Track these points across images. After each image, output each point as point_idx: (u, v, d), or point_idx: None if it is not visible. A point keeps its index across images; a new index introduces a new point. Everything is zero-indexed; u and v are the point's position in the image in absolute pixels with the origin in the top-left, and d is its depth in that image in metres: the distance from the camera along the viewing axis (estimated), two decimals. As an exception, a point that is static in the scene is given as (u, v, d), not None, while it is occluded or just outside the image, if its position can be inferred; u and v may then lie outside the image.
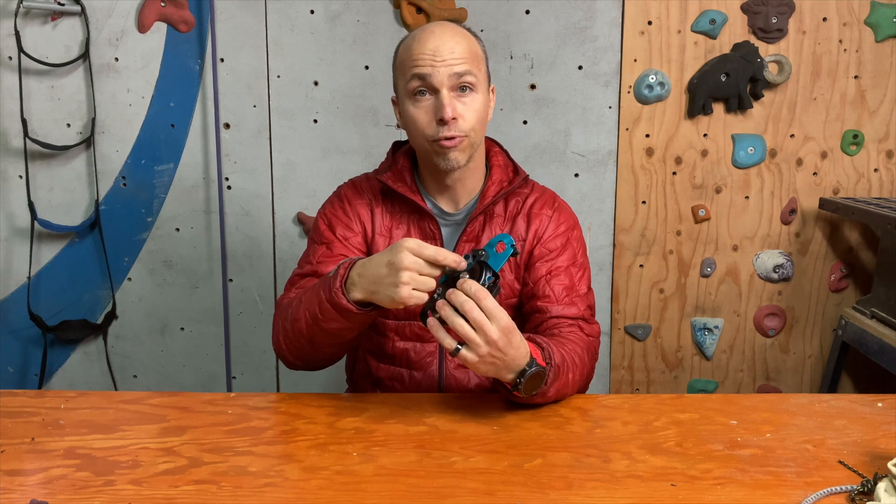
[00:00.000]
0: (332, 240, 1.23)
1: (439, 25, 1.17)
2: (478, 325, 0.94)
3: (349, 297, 1.02)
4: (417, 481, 0.88)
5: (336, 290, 1.02)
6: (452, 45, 1.13)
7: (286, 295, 1.22)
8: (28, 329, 2.13)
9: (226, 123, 2.06)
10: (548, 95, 2.05)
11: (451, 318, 0.94)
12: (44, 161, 2.06)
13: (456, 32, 1.16)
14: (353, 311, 1.02)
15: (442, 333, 0.96)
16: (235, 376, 2.21)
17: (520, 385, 0.99)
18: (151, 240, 2.12)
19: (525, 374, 0.98)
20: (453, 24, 1.18)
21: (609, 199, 2.11)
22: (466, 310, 0.94)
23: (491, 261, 0.99)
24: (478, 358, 0.95)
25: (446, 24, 1.18)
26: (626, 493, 0.86)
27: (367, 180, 1.29)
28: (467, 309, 0.94)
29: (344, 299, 1.02)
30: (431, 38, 1.14)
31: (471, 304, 0.94)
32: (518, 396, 1.03)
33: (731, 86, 2.01)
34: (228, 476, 0.89)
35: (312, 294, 1.08)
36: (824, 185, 2.10)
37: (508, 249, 0.98)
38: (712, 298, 2.17)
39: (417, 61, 1.13)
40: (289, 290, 1.23)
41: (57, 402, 1.09)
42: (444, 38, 1.13)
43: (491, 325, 0.94)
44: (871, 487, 0.84)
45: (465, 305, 0.94)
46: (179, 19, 1.99)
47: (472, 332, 0.94)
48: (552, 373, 1.02)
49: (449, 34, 1.15)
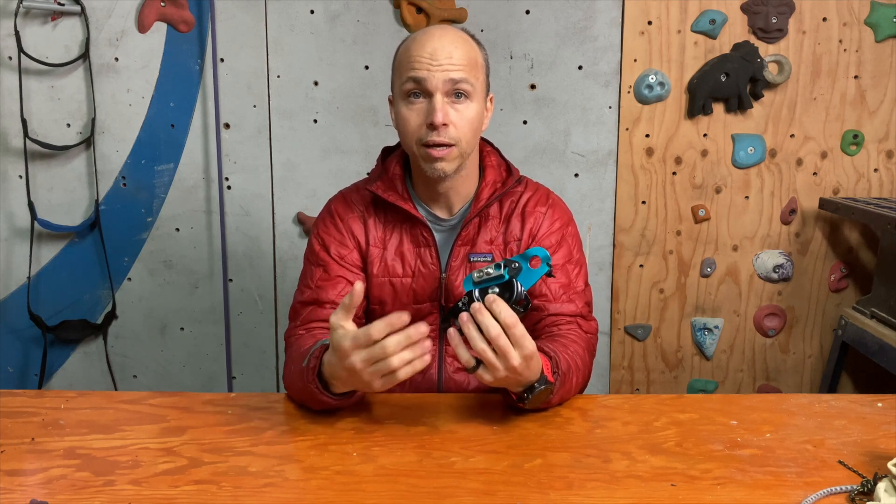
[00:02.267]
0: (328, 261, 1.22)
1: (441, 29, 1.16)
2: (502, 351, 0.90)
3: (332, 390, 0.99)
4: (417, 481, 0.88)
5: (312, 385, 0.99)
6: (451, 49, 1.11)
7: (291, 329, 1.21)
8: (28, 329, 2.12)
9: (226, 123, 2.06)
10: (548, 95, 2.05)
11: (475, 341, 0.91)
12: (44, 161, 2.06)
13: (456, 38, 1.14)
14: (331, 403, 1.01)
15: (462, 349, 0.93)
16: (235, 376, 2.21)
17: (526, 399, 0.98)
18: (151, 240, 2.12)
19: (534, 391, 0.97)
20: (457, 29, 1.17)
21: (609, 199, 2.11)
22: (492, 335, 0.90)
23: (523, 276, 0.94)
24: (493, 379, 0.94)
25: (449, 28, 1.17)
26: (626, 493, 0.86)
27: (356, 191, 1.28)
28: (493, 335, 0.90)
29: (324, 395, 0.99)
30: (430, 41, 1.12)
31: (497, 331, 0.90)
32: (522, 406, 1.02)
33: (731, 86, 2.01)
34: (228, 476, 0.88)
35: (297, 373, 1.04)
36: (824, 185, 2.10)
37: (543, 268, 0.94)
38: (712, 298, 2.17)
39: (414, 63, 1.12)
40: (293, 320, 1.22)
41: (57, 402, 1.09)
42: (443, 42, 1.12)
43: (515, 353, 0.91)
44: (871, 487, 0.84)
45: (492, 331, 0.90)
46: (179, 19, 1.99)
47: (494, 359, 0.91)
48: (558, 382, 1.02)
49: (449, 38, 1.13)
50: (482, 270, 0.96)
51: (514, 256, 0.96)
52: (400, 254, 1.22)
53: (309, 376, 1.00)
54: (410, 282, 1.22)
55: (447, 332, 0.94)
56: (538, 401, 1.00)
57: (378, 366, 0.91)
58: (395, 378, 0.92)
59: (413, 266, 1.22)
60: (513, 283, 0.94)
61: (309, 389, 1.00)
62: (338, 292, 1.20)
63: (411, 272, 1.22)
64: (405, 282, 1.22)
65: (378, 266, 1.22)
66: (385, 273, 1.22)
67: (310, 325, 1.18)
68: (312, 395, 1.01)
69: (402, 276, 1.22)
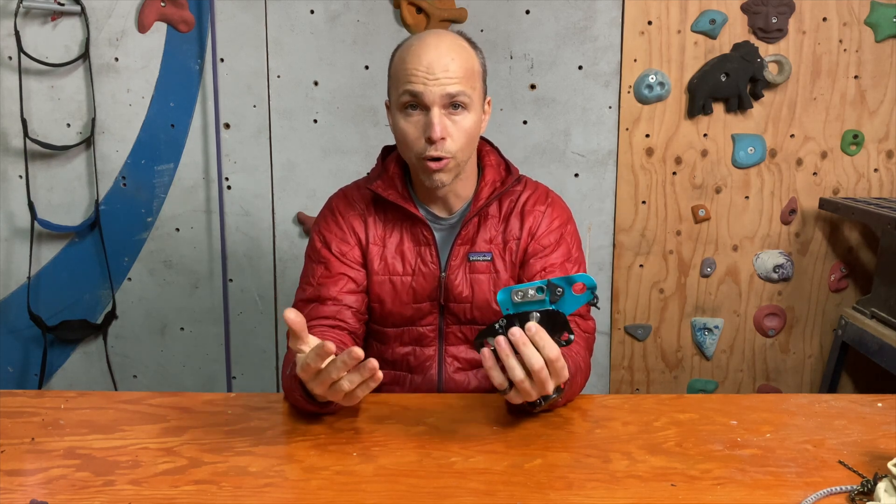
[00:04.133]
0: (329, 258, 1.22)
1: (437, 37, 1.13)
2: (540, 384, 0.89)
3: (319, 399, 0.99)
4: (417, 481, 0.88)
5: (298, 396, 0.99)
6: (448, 61, 1.10)
7: None
8: (28, 329, 2.13)
9: (226, 123, 2.06)
10: (548, 95, 2.05)
11: (514, 371, 0.89)
12: (44, 161, 2.06)
13: (452, 47, 1.12)
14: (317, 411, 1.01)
15: (496, 372, 0.91)
16: (235, 376, 2.21)
17: (540, 405, 0.98)
18: (151, 240, 2.12)
19: (548, 399, 0.96)
20: (452, 37, 1.15)
21: (609, 199, 2.11)
22: (535, 369, 0.88)
23: (565, 303, 0.89)
24: (522, 400, 0.93)
25: (445, 35, 1.14)
26: (626, 493, 0.85)
27: (357, 190, 1.28)
28: (536, 369, 0.88)
29: (309, 405, 1.00)
30: (427, 52, 1.10)
31: (541, 364, 0.88)
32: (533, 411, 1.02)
33: (731, 86, 2.01)
34: (228, 476, 0.88)
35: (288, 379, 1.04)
36: (824, 185, 2.10)
37: (587, 296, 0.89)
38: (712, 298, 2.17)
39: (410, 76, 1.10)
40: None
41: (57, 402, 1.09)
42: (439, 53, 1.10)
43: (552, 384, 0.90)
44: (871, 487, 0.84)
45: (535, 364, 0.88)
46: (179, 19, 1.99)
47: (531, 388, 0.90)
48: (567, 385, 1.02)
49: (445, 49, 1.11)
50: (524, 290, 0.91)
51: (557, 279, 0.90)
52: (400, 252, 1.22)
53: (294, 384, 1.00)
54: (410, 280, 1.22)
55: (481, 352, 0.91)
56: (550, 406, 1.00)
57: (334, 388, 0.91)
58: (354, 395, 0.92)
59: (413, 264, 1.22)
60: (558, 315, 0.90)
61: (294, 396, 1.02)
62: (339, 289, 1.20)
63: (411, 270, 1.22)
64: (405, 280, 1.22)
65: (378, 264, 1.22)
66: (385, 271, 1.22)
67: (311, 322, 1.18)
68: (298, 403, 1.02)
69: (402, 274, 1.22)
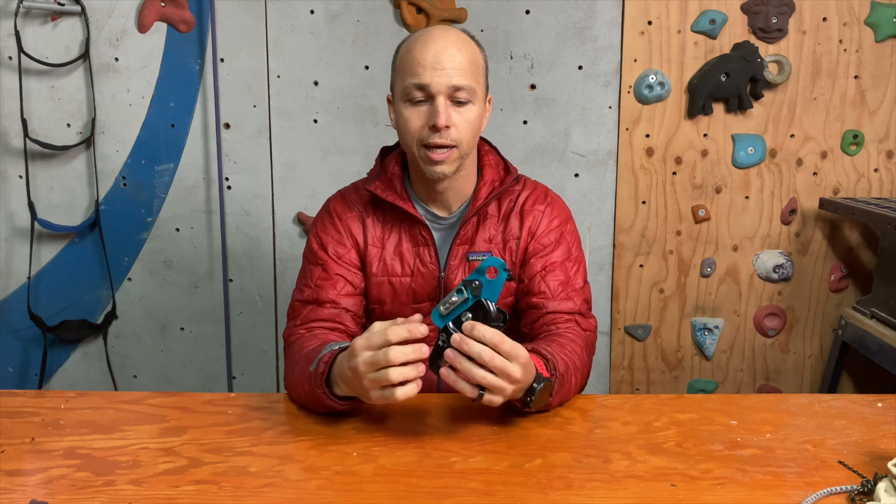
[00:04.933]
0: (326, 260, 1.22)
1: (443, 31, 1.15)
2: (501, 371, 0.90)
3: (335, 391, 0.99)
4: (417, 481, 0.88)
5: (319, 390, 0.99)
6: (454, 52, 1.12)
7: (291, 328, 1.20)
8: (28, 329, 2.13)
9: (226, 123, 2.06)
10: (548, 95, 2.05)
11: (470, 371, 0.90)
12: (44, 161, 2.06)
13: (458, 41, 1.14)
14: (338, 407, 1.01)
15: (461, 384, 0.92)
16: (235, 376, 2.21)
17: (530, 402, 0.98)
18: (151, 240, 2.12)
19: (535, 392, 0.97)
20: (457, 31, 1.17)
21: (609, 199, 2.11)
22: (485, 359, 0.89)
23: (486, 291, 0.92)
24: (503, 399, 0.94)
25: (451, 30, 1.17)
26: (626, 493, 0.85)
27: (355, 191, 1.28)
28: (486, 358, 0.89)
29: (328, 399, 0.99)
30: (433, 45, 1.12)
31: (489, 353, 0.90)
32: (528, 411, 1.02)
33: (731, 86, 2.01)
34: (228, 476, 0.88)
35: (303, 376, 1.04)
36: (824, 185, 2.10)
37: (502, 274, 0.92)
38: (712, 298, 2.17)
39: (417, 68, 1.12)
40: (293, 319, 1.21)
41: (57, 402, 1.09)
42: (446, 45, 1.12)
43: (513, 366, 0.90)
44: (871, 487, 0.84)
45: (484, 355, 0.89)
46: (179, 19, 1.99)
47: (496, 380, 0.90)
48: (557, 383, 1.02)
49: (451, 41, 1.13)
50: (446, 301, 0.95)
51: (470, 275, 0.94)
52: (399, 253, 1.22)
53: (316, 381, 1.00)
54: (409, 281, 1.22)
55: (440, 372, 0.93)
56: (541, 401, 1.00)
57: (378, 374, 0.91)
58: (393, 395, 0.91)
59: (412, 265, 1.22)
60: (483, 303, 0.93)
61: (315, 394, 1.00)
62: (337, 291, 1.20)
63: (410, 271, 1.22)
64: (404, 281, 1.22)
65: (377, 265, 1.22)
66: (384, 272, 1.22)
67: (310, 324, 1.18)
68: (318, 400, 1.01)
69: (401, 275, 1.22)
